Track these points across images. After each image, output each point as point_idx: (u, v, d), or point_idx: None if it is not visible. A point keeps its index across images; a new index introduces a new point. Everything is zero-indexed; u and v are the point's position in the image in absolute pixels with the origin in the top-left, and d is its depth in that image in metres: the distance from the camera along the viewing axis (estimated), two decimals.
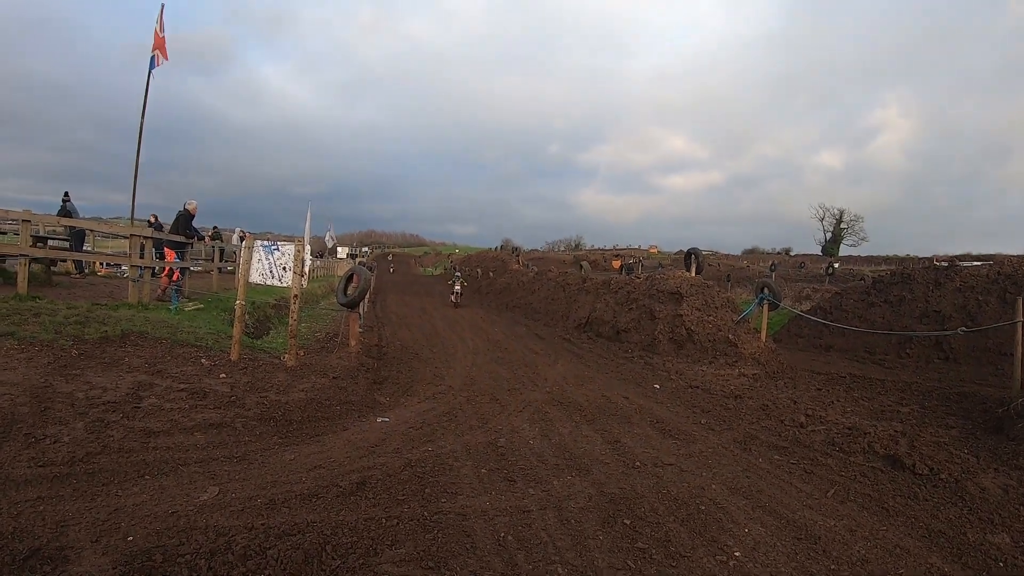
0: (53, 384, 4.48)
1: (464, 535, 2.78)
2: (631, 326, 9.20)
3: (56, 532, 2.79)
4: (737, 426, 4.79)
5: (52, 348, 4.97)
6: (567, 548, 2.68)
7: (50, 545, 2.65)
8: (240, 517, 2.88)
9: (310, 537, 2.70)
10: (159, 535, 2.70)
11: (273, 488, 3.23)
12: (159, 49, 11.60)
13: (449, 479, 3.44)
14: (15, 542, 2.63)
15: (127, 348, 5.44)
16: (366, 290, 7.17)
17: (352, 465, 3.61)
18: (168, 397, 4.56)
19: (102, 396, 4.33)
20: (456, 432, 4.40)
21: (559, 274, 16.18)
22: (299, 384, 5.35)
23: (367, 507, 3.03)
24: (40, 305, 6.70)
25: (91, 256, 11.89)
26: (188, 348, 5.83)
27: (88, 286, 10.51)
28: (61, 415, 4.09)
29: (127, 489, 3.21)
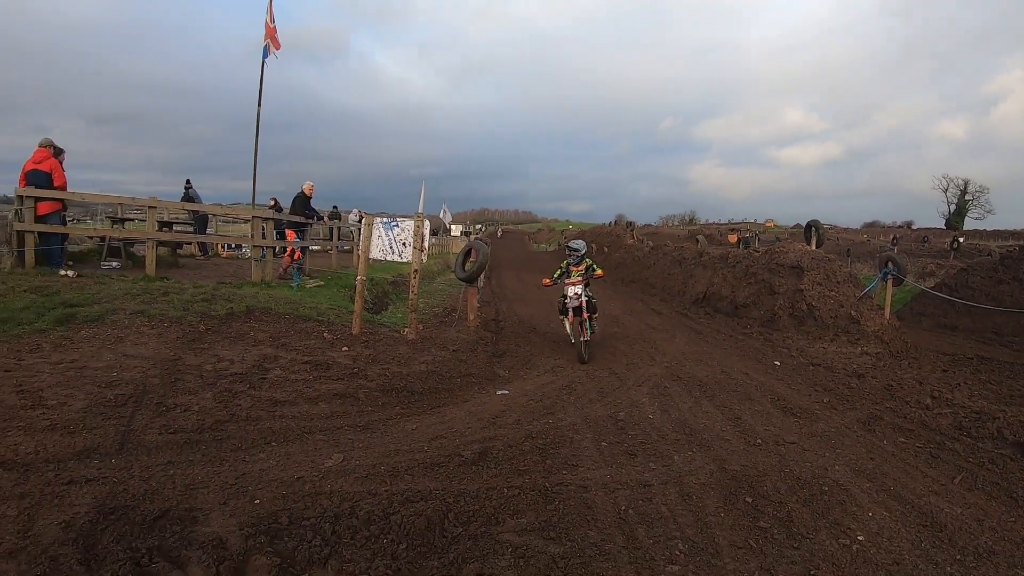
0: (182, 357, 7.21)
1: (585, 507, 4.48)
2: (750, 301, 14.27)
3: (185, 494, 4.45)
4: (860, 406, 7.29)
5: (180, 324, 8.36)
6: (688, 524, 4.32)
7: (179, 507, 4.28)
8: (364, 483, 4.67)
9: (433, 504, 4.35)
10: (285, 499, 4.39)
11: (396, 456, 5.22)
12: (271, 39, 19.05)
13: (570, 451, 5.52)
14: (146, 503, 4.28)
15: (252, 323, 9.07)
16: (484, 264, 10.99)
17: (473, 436, 5.79)
18: (292, 369, 7.48)
19: (229, 368, 7.18)
20: (576, 405, 7.00)
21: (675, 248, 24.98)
22: (420, 357, 8.59)
23: (489, 477, 4.90)
24: (168, 285, 10.69)
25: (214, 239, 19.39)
26: (310, 323, 9.62)
27: (212, 267, 16.54)
28: (190, 386, 6.52)
29: (254, 455, 5.31)
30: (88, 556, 3.75)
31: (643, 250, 27.93)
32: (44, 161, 11.67)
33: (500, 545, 4.03)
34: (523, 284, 21.70)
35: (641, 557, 3.89)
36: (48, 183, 11.56)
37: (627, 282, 23.91)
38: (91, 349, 7.14)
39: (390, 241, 10.61)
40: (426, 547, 4.03)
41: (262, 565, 3.82)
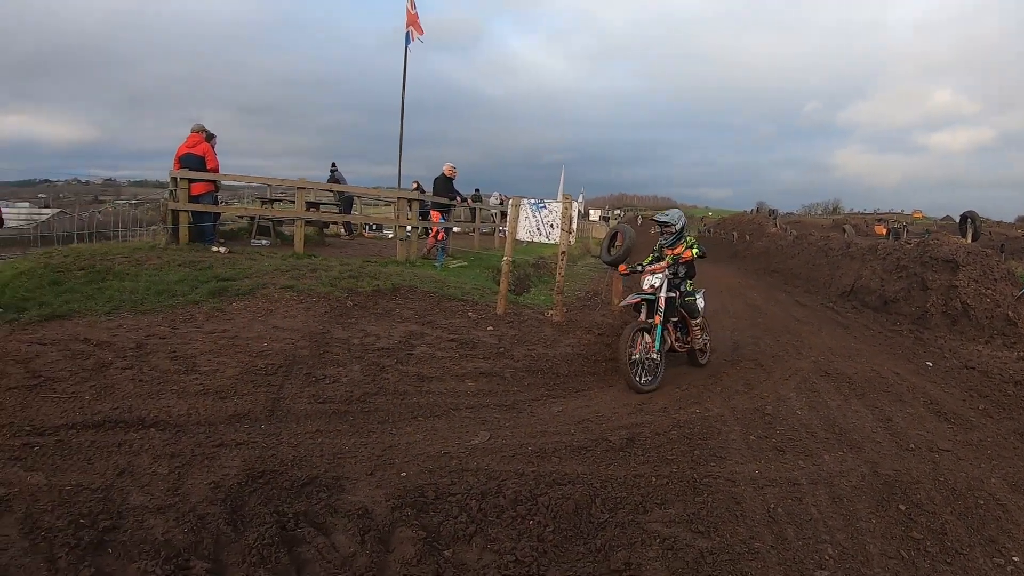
0: (330, 331, 7.87)
1: (733, 502, 4.69)
2: (900, 296, 14.47)
3: (333, 463, 4.89)
4: (1019, 416, 7.22)
5: (328, 299, 9.14)
6: (838, 528, 4.45)
7: (327, 474, 4.69)
8: (510, 463, 5.02)
9: (580, 488, 4.65)
10: (431, 473, 4.79)
11: (542, 438, 5.62)
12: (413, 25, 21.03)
13: (718, 443, 5.75)
14: (294, 469, 4.74)
15: (398, 300, 9.77)
16: (630, 249, 11.00)
17: (620, 421, 6.17)
18: (439, 346, 8.02)
19: (376, 343, 7.80)
20: (722, 396, 7.23)
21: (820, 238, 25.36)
22: (565, 339, 9.14)
23: (636, 464, 5.22)
24: (316, 262, 11.56)
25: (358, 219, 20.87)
26: (455, 302, 10.24)
27: (357, 246, 17.83)
28: (339, 358, 7.11)
29: (401, 428, 5.77)
30: (235, 517, 4.13)
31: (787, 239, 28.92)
32: (197, 145, 12.87)
33: (648, 535, 4.25)
34: None
35: (790, 559, 4.08)
36: (201, 166, 12.72)
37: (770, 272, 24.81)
38: (242, 321, 7.92)
39: (537, 223, 11.07)
40: (573, 531, 4.26)
41: (407, 538, 4.06)
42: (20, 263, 9.78)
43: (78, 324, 7.22)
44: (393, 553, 3.94)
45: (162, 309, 7.96)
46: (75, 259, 9.66)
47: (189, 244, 12.11)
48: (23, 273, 8.94)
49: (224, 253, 11.47)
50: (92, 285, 8.71)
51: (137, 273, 9.30)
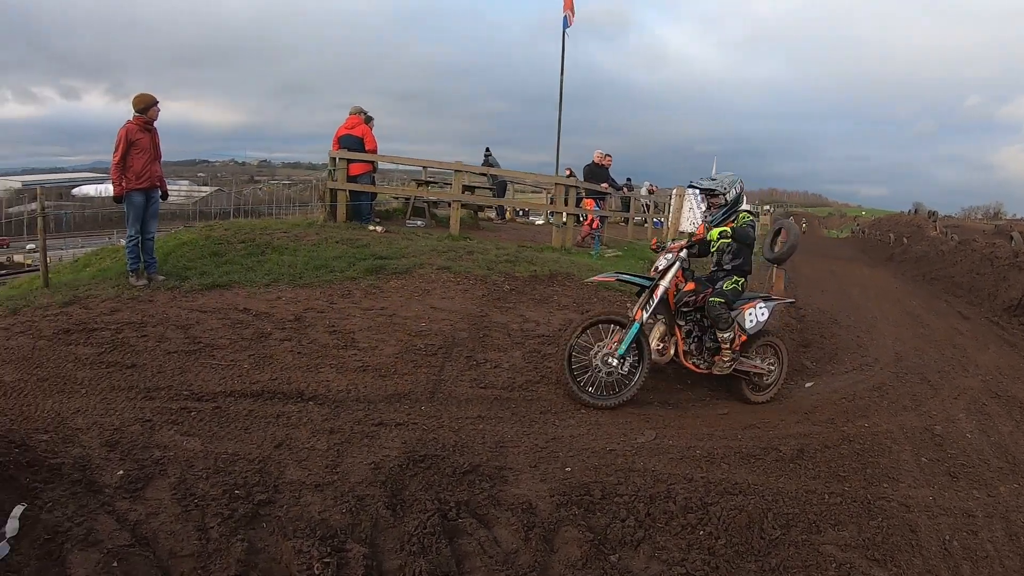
0: (489, 314, 7.74)
1: (908, 529, 4.59)
2: None
3: (495, 452, 4.74)
4: None
5: (485, 282, 9.11)
6: (1015, 570, 4.37)
7: (489, 463, 4.55)
8: (678, 466, 4.92)
9: (752, 500, 4.51)
10: (597, 471, 4.70)
11: (709, 441, 5.47)
12: (569, 10, 20.84)
13: (889, 462, 5.59)
14: (456, 455, 4.61)
15: (555, 287, 9.58)
16: (795, 247, 10.56)
17: (787, 429, 5.99)
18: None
19: (535, 329, 7.64)
20: (889, 410, 6.93)
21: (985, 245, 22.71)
22: None
23: (807, 478, 5.06)
24: (471, 244, 11.55)
25: (512, 203, 20.83)
26: (611, 292, 9.80)
27: (511, 230, 17.88)
28: (499, 343, 6.96)
29: (564, 420, 5.63)
30: (395, 501, 4.04)
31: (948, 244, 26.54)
32: (356, 127, 13.18)
33: (823, 558, 4.18)
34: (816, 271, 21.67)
35: None
36: (360, 147, 13.04)
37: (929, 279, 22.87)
38: (399, 299, 7.93)
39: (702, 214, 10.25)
40: (745, 546, 4.16)
41: (573, 538, 3.93)
42: (182, 235, 10.26)
43: (237, 294, 7.40)
44: (557, 553, 3.84)
45: (320, 284, 8.10)
46: (235, 232, 10.03)
47: (346, 222, 12.45)
48: (185, 244, 9.39)
49: (380, 232, 11.67)
50: (252, 258, 9.01)
51: (296, 248, 9.55)
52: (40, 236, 8.25)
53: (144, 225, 7.88)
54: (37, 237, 8.49)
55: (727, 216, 6.69)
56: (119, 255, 9.18)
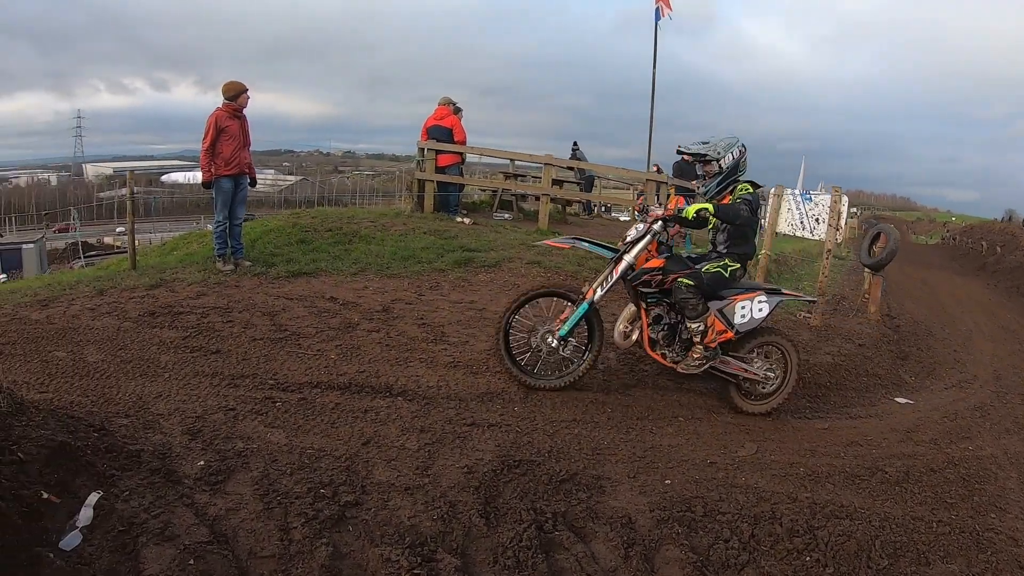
0: None
1: (1017, 566, 4.24)
2: None
3: (592, 459, 4.48)
4: None
5: (576, 279, 8.83)
6: None
7: (587, 472, 4.29)
8: (782, 484, 4.66)
9: (860, 526, 4.26)
10: (697, 485, 4.46)
11: (812, 458, 5.21)
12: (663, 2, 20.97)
13: (995, 489, 5.24)
14: (551, 461, 4.36)
15: None
16: (895, 252, 10.58)
17: (891, 449, 5.69)
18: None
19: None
20: (992, 432, 6.57)
21: None
22: (825, 346, 8.48)
23: (913, 503, 4.78)
24: None
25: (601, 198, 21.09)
26: None
27: (598, 226, 17.61)
28: None
29: (662, 428, 5.38)
30: (488, 509, 3.81)
31: None
32: (446, 118, 13.24)
33: None
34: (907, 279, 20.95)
35: None
36: (449, 138, 13.08)
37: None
38: (488, 293, 7.76)
39: (801, 216, 10.45)
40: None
41: (675, 559, 3.72)
42: (269, 221, 10.32)
43: (324, 282, 7.32)
44: (658, 574, 3.63)
45: (407, 275, 8.02)
46: (322, 221, 10.04)
47: (433, 213, 12.48)
48: (272, 231, 9.44)
49: (468, 224, 11.64)
50: (339, 246, 9.00)
51: (383, 238, 9.51)
52: (129, 220, 8.38)
53: (232, 211, 7.94)
54: (126, 220, 8.62)
55: (723, 186, 5.85)
56: (206, 240, 9.27)
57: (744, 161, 5.92)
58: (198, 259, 8.20)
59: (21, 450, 3.14)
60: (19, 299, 6.50)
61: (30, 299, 6.46)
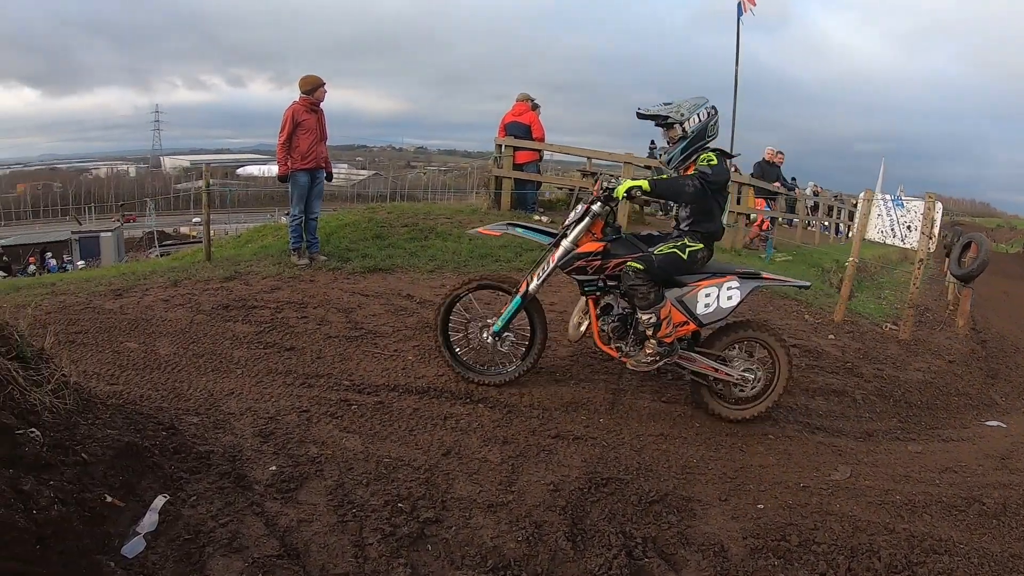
0: None
1: None
2: None
3: (682, 478, 4.21)
4: None
5: None
6: None
7: (676, 492, 4.02)
8: (877, 513, 4.36)
9: (959, 563, 3.95)
10: (790, 511, 4.20)
11: (906, 484, 4.85)
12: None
13: None
14: (640, 480, 4.09)
15: None
16: (986, 263, 10.18)
17: (987, 477, 5.23)
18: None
19: None
20: None
21: None
22: (914, 361, 8.04)
23: (1011, 539, 4.40)
24: None
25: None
26: (788, 301, 9.48)
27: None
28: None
29: (752, 446, 5.06)
30: (575, 531, 3.56)
31: None
32: (524, 114, 13.02)
33: None
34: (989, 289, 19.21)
35: None
36: (527, 135, 12.88)
37: None
38: (568, 295, 7.46)
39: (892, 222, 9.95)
40: None
41: None
42: (344, 216, 10.26)
43: (400, 279, 7.18)
44: None
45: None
46: (398, 216, 9.95)
47: (510, 211, 12.32)
48: (347, 225, 9.39)
49: (546, 222, 11.29)
50: (415, 242, 8.90)
51: (459, 235, 9.38)
52: (204, 211, 8.39)
53: (308, 205, 7.89)
54: (202, 212, 8.64)
55: (688, 154, 5.11)
56: (281, 232, 9.24)
57: (714, 125, 5.19)
58: (273, 252, 8.17)
59: (86, 450, 3.00)
60: (94, 288, 6.52)
61: (104, 288, 6.47)
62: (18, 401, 2.88)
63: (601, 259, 4.98)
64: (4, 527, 2.38)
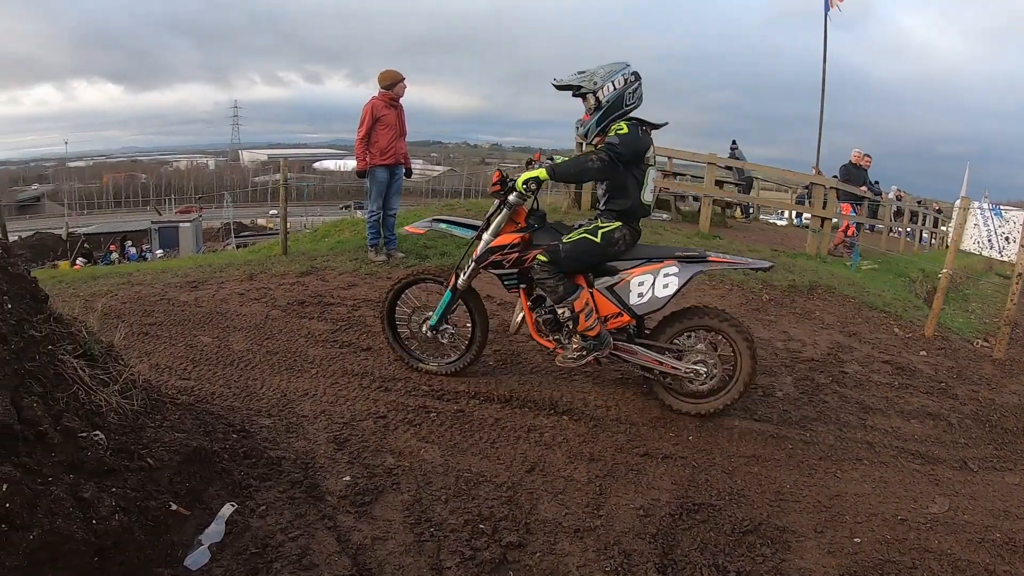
0: (751, 326, 6.87)
1: None
2: None
3: (775, 506, 3.90)
4: None
5: (742, 288, 8.35)
6: None
7: (770, 522, 3.73)
8: (977, 552, 4.05)
9: None
10: (888, 546, 3.90)
11: (1006, 520, 4.49)
12: None
13: None
14: (732, 507, 3.80)
15: (815, 301, 8.75)
16: None
17: None
18: (872, 367, 6.86)
19: (801, 351, 6.80)
20: None
21: None
22: (1009, 383, 7.52)
23: None
24: (723, 245, 10.81)
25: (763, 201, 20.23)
26: (876, 312, 8.96)
27: (758, 231, 17.01)
28: (767, 364, 6.04)
29: (846, 472, 4.69)
30: (666, 562, 3.31)
31: None
32: None
33: None
34: None
35: None
36: None
37: None
38: None
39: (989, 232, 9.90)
40: None
41: None
42: (422, 211, 10.15)
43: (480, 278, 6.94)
44: None
45: None
46: (477, 213, 9.76)
47: (591, 210, 11.96)
48: None
49: None
50: None
51: None
52: (281, 205, 8.38)
53: (387, 201, 7.78)
54: (279, 204, 8.62)
55: (603, 126, 4.72)
56: (358, 228, 9.19)
57: (634, 92, 4.77)
58: (349, 248, 8.11)
59: (152, 455, 2.84)
60: (169, 279, 6.52)
61: (180, 280, 6.46)
62: (83, 402, 2.76)
63: (520, 251, 4.72)
64: (62, 539, 2.23)
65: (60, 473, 2.45)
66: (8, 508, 2.15)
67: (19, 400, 2.50)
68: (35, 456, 2.42)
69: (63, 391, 2.72)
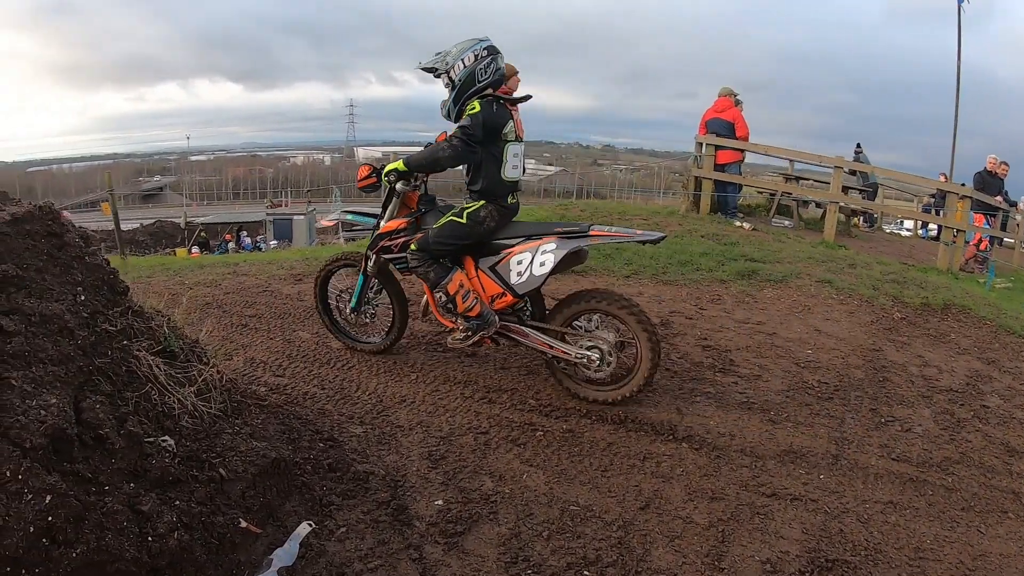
0: (883, 349, 6.24)
1: None
2: None
3: (914, 565, 3.37)
4: None
5: (872, 306, 7.62)
6: None
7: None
8: None
9: None
10: None
11: None
12: None
13: None
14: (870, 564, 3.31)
15: (949, 322, 7.91)
16: None
17: None
18: (1014, 402, 5.96)
19: (938, 378, 6.07)
20: None
21: None
22: None
23: None
24: (851, 256, 10.02)
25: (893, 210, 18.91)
26: (1015, 337, 7.93)
27: (884, 242, 15.87)
28: (902, 392, 5.42)
29: (990, 527, 4.01)
30: None
31: None
32: (727, 110, 12.29)
33: None
34: None
35: None
36: (730, 132, 12.15)
37: None
38: (777, 313, 6.73)
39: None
40: None
41: None
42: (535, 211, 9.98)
43: (594, 283, 6.77)
44: None
45: (685, 282, 7.25)
46: (592, 214, 9.63)
47: (710, 215, 11.65)
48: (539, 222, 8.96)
49: (748, 229, 10.68)
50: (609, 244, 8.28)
51: None
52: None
53: None
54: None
55: (460, 106, 4.59)
56: None
57: (487, 68, 4.57)
58: None
59: (225, 464, 2.58)
60: (274, 271, 6.43)
61: (285, 272, 6.36)
62: (155, 403, 2.52)
63: (407, 235, 4.80)
64: (109, 558, 1.97)
65: (118, 482, 2.21)
66: (51, 522, 1.91)
67: (81, 400, 2.27)
68: (92, 462, 2.18)
69: (134, 391, 2.49)
